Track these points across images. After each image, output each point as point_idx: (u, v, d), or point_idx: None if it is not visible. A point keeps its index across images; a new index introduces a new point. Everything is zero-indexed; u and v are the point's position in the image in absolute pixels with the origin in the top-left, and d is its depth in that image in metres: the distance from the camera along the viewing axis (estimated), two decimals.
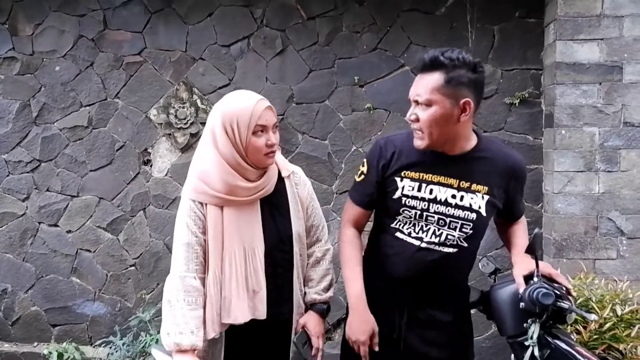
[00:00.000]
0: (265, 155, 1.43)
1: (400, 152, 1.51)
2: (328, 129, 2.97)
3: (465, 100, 1.34)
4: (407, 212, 1.49)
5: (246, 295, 1.44)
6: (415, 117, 1.39)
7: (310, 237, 1.63)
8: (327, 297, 1.61)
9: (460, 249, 1.49)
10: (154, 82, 3.03)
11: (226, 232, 1.43)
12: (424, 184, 1.47)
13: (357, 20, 2.92)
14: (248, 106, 1.41)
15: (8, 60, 3.08)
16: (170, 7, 2.99)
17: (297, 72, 2.96)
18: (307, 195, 1.61)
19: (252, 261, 1.45)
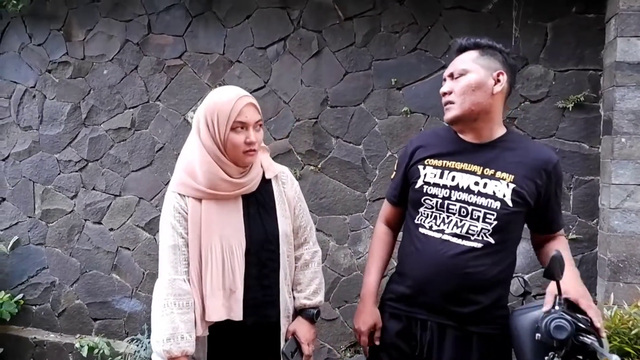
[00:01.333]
0: (244, 153, 1.39)
1: (426, 143, 1.52)
2: (362, 134, 2.85)
3: (499, 71, 1.38)
4: (429, 202, 1.44)
5: (222, 293, 1.40)
6: (449, 88, 1.41)
7: (298, 239, 1.60)
8: (316, 301, 1.57)
9: (487, 245, 1.37)
10: (193, 85, 3.07)
11: (204, 226, 1.40)
12: (446, 171, 1.43)
13: (396, 20, 2.79)
14: (229, 101, 1.38)
15: (62, 64, 3.26)
16: (210, 11, 3.03)
17: (332, 75, 2.88)
18: (294, 195, 1.58)
19: (229, 259, 1.40)
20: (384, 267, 1.62)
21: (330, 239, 2.92)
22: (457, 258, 1.38)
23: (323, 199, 2.91)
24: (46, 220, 3.31)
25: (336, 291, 2.91)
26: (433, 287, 1.41)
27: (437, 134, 1.55)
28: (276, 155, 2.95)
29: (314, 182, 2.92)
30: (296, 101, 2.93)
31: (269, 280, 1.47)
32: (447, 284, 1.39)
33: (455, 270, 1.38)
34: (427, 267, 1.42)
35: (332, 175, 2.90)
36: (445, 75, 1.46)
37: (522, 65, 2.63)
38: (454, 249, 1.39)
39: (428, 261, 1.42)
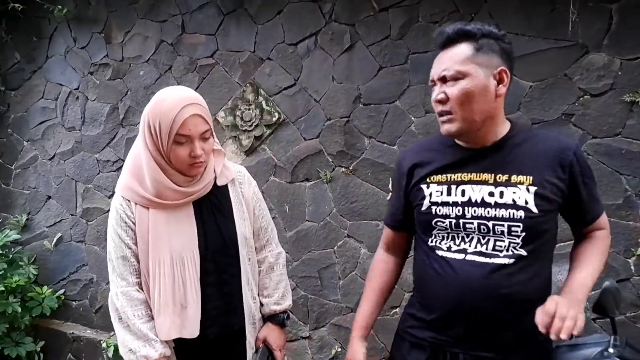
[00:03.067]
0: (189, 165, 1.30)
1: (423, 159, 1.30)
2: (397, 133, 2.63)
3: (501, 68, 1.16)
4: (441, 224, 1.23)
5: (171, 309, 1.31)
6: (443, 96, 1.17)
7: (260, 240, 1.52)
8: (286, 305, 1.52)
9: (519, 259, 1.16)
10: (224, 84, 3.00)
11: (152, 238, 1.31)
12: (453, 186, 1.23)
13: (435, 8, 2.55)
14: (170, 111, 1.25)
15: (102, 66, 3.32)
16: (242, 8, 2.94)
17: (365, 70, 2.68)
18: (252, 195, 1.50)
19: (180, 272, 1.31)
20: (380, 299, 1.45)
21: (362, 246, 2.72)
22: (488, 278, 1.17)
23: (354, 203, 2.72)
24: (86, 218, 3.39)
25: None
26: (464, 313, 1.20)
27: (430, 145, 1.35)
28: (306, 156, 2.80)
29: (345, 184, 2.74)
30: (327, 99, 2.76)
31: (230, 287, 1.40)
32: (481, 308, 1.18)
33: (489, 292, 1.17)
34: (453, 292, 1.21)
35: (365, 178, 2.70)
36: (433, 76, 1.20)
37: (581, 54, 2.29)
38: (482, 269, 1.18)
39: (453, 284, 1.21)
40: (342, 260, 2.76)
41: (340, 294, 2.76)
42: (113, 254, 1.34)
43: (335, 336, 2.78)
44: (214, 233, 1.37)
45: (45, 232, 3.52)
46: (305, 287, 2.84)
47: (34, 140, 3.55)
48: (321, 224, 2.79)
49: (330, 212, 2.77)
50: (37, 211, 3.55)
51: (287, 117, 2.84)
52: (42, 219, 3.53)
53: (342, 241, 2.76)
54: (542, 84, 2.36)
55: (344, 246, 2.75)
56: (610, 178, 2.25)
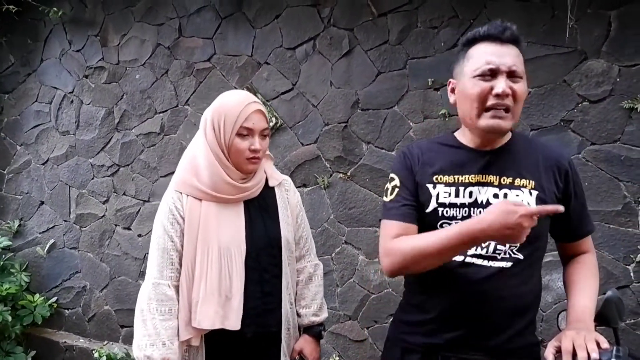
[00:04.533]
0: (247, 159, 1.37)
1: (428, 156, 1.28)
2: (396, 138, 2.62)
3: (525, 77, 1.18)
4: (447, 225, 1.20)
5: (216, 299, 1.33)
6: (509, 90, 1.12)
7: (300, 249, 1.56)
8: (323, 317, 1.54)
9: (517, 263, 1.17)
10: (221, 89, 2.97)
11: (202, 227, 1.35)
12: (461, 188, 1.21)
13: (434, 14, 2.55)
14: (237, 105, 1.36)
15: (98, 69, 3.29)
16: (240, 11, 2.93)
17: (363, 75, 2.67)
18: (297, 203, 1.56)
19: (227, 263, 1.35)
20: None
21: (360, 253, 2.69)
22: (487, 282, 1.16)
23: (352, 209, 2.70)
24: (80, 224, 3.34)
25: (365, 310, 2.67)
26: (460, 316, 1.19)
27: (437, 144, 1.31)
28: (303, 161, 2.78)
29: (343, 190, 2.71)
30: (325, 104, 2.75)
31: (270, 287, 1.42)
32: (477, 311, 1.17)
33: (487, 295, 1.16)
34: (450, 295, 1.20)
35: (363, 184, 2.68)
36: (499, 65, 1.12)
37: (580, 60, 2.29)
38: (481, 272, 1.17)
39: (450, 288, 1.20)
40: (340, 267, 2.73)
41: (339, 301, 2.73)
42: (154, 245, 1.38)
43: (333, 345, 2.74)
44: (259, 232, 1.42)
45: (38, 238, 3.46)
46: None
47: (27, 145, 3.51)
48: (319, 230, 2.76)
49: (328, 218, 2.75)
50: (30, 217, 3.49)
51: (285, 122, 2.82)
52: (34, 225, 3.47)
53: (340, 248, 2.73)
54: (541, 90, 2.35)
55: (342, 253, 2.72)
56: (610, 185, 2.24)
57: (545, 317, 2.28)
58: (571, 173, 1.22)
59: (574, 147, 2.30)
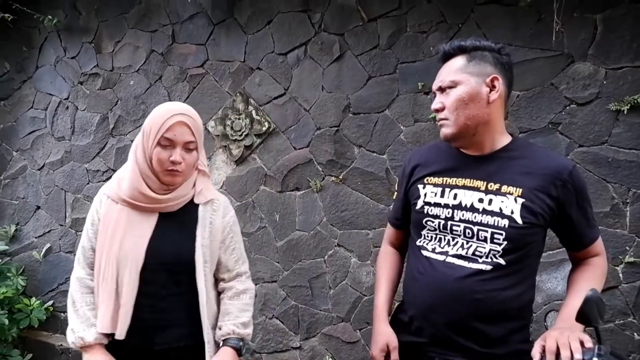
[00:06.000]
0: (166, 170, 1.36)
1: (425, 160, 1.39)
2: (387, 142, 2.64)
3: (493, 76, 1.22)
4: (431, 223, 1.29)
5: (112, 305, 1.35)
6: (440, 105, 1.26)
7: (230, 272, 1.50)
8: (246, 332, 1.45)
9: (497, 267, 1.19)
10: (214, 94, 3.01)
11: (110, 231, 1.38)
12: (447, 189, 1.29)
13: (423, 19, 2.58)
14: (162, 116, 1.36)
15: (92, 76, 3.31)
16: (232, 18, 2.96)
17: (354, 80, 2.70)
18: (224, 225, 1.48)
19: (122, 272, 1.35)
20: (393, 286, 1.48)
21: (352, 255, 2.71)
22: (463, 282, 1.21)
23: (344, 211, 2.72)
24: (76, 228, 3.36)
25: (357, 312, 2.69)
26: (437, 314, 1.24)
27: (437, 148, 1.41)
28: (296, 165, 2.80)
29: (335, 193, 2.74)
30: (317, 108, 2.77)
31: (166, 304, 1.39)
32: (452, 310, 1.21)
33: (462, 295, 1.20)
34: (429, 292, 1.26)
35: (354, 187, 2.70)
36: (433, 88, 1.31)
37: (567, 63, 2.32)
38: (459, 272, 1.22)
39: (431, 285, 1.26)
40: (333, 269, 2.75)
41: (331, 303, 2.75)
42: (80, 241, 1.46)
43: (326, 346, 2.76)
44: (167, 247, 1.39)
45: (34, 242, 3.48)
46: (296, 296, 2.82)
47: (23, 150, 3.53)
48: (311, 233, 2.79)
49: (320, 222, 2.77)
50: (26, 222, 3.51)
51: (277, 127, 2.85)
52: (31, 230, 3.50)
53: (332, 250, 2.75)
54: (529, 93, 2.38)
55: (334, 255, 2.75)
56: (597, 186, 2.26)
57: (535, 318, 2.30)
58: (571, 183, 1.20)
59: (562, 149, 2.32)
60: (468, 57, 1.24)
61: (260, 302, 2.90)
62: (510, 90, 1.28)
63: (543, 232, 1.25)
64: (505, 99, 1.27)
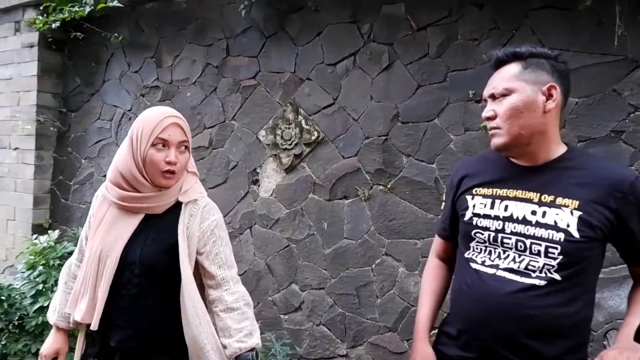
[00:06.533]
0: (162, 172, 1.36)
1: (473, 171, 1.36)
2: (436, 151, 2.61)
3: (550, 84, 1.19)
4: (480, 235, 1.26)
5: (89, 296, 1.40)
6: (491, 113, 1.24)
7: (214, 279, 1.40)
8: (252, 342, 1.35)
9: (552, 283, 1.14)
10: (265, 104, 3.09)
11: (97, 227, 1.44)
12: (497, 200, 1.26)
13: (474, 26, 2.53)
14: (154, 117, 1.38)
15: (153, 89, 3.51)
16: (283, 30, 3.04)
17: (403, 89, 2.69)
18: (202, 231, 1.41)
19: (103, 267, 1.39)
20: (437, 302, 1.46)
21: (400, 265, 2.69)
22: (514, 296, 1.17)
23: (392, 221, 2.71)
24: None
25: (405, 322, 2.66)
26: (486, 329, 1.21)
27: (486, 158, 1.38)
28: (344, 174, 2.83)
29: (383, 202, 2.73)
30: (365, 118, 2.79)
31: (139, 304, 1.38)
32: (502, 326, 1.18)
33: (513, 310, 1.17)
34: (478, 306, 1.23)
35: (403, 196, 2.69)
36: (484, 95, 1.28)
37: (631, 68, 2.20)
38: (510, 286, 1.18)
39: (480, 299, 1.23)
40: (380, 278, 2.74)
41: (378, 312, 2.74)
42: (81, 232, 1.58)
43: (372, 355, 2.75)
44: (148, 248, 1.39)
45: None
46: (343, 304, 2.84)
47: (90, 158, 3.79)
48: (359, 241, 2.80)
49: (368, 230, 2.77)
50: None
51: (326, 136, 2.89)
52: None
53: (380, 259, 2.75)
54: (589, 100, 2.28)
55: (382, 264, 2.74)
56: None
57: (595, 337, 2.18)
58: (632, 195, 1.15)
59: (625, 159, 2.20)
60: (523, 64, 1.21)
61: (308, 309, 2.93)
62: (567, 98, 1.25)
63: (602, 246, 1.20)
64: (562, 108, 1.23)
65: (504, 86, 1.20)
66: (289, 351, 2.87)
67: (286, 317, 3.02)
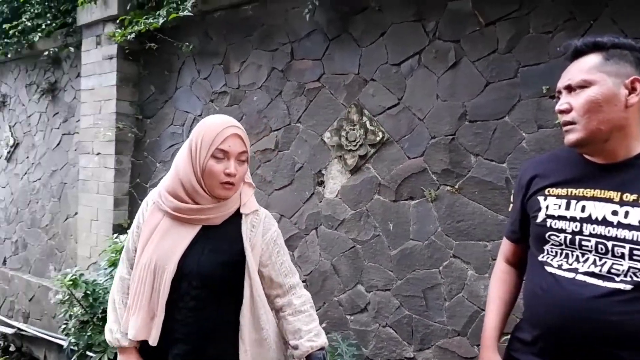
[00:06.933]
0: (221, 183, 1.33)
1: (544, 171, 1.30)
2: (507, 150, 2.52)
3: (634, 77, 1.13)
4: (555, 238, 1.20)
5: (145, 312, 1.35)
6: (566, 105, 1.18)
7: (282, 287, 1.45)
8: (322, 342, 1.41)
9: (638, 287, 1.08)
10: (329, 106, 3.13)
11: (149, 237, 1.39)
12: (573, 201, 1.19)
13: (548, 18, 2.42)
14: (215, 128, 1.35)
15: (221, 94, 3.66)
16: (347, 32, 3.06)
17: (471, 86, 2.62)
18: (266, 243, 1.43)
19: (159, 279, 1.34)
20: (506, 309, 1.42)
21: (469, 267, 2.63)
22: (596, 302, 1.11)
23: (460, 222, 2.65)
24: None
25: (475, 326, 2.59)
26: (565, 336, 1.16)
27: (556, 157, 1.32)
28: (410, 174, 2.80)
29: (451, 203, 2.68)
30: (431, 117, 2.75)
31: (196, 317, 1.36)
32: (583, 332, 1.12)
33: (595, 316, 1.11)
34: (555, 312, 1.17)
35: (471, 197, 2.62)
36: (559, 86, 1.22)
37: None
38: (592, 291, 1.12)
39: (557, 305, 1.17)
40: (448, 281, 2.69)
41: (446, 316, 2.69)
42: (126, 242, 1.51)
43: (440, 359, 2.70)
44: (201, 258, 1.35)
45: None
46: (410, 306, 2.81)
47: (164, 162, 4.01)
48: (426, 243, 2.76)
49: (435, 231, 2.73)
50: None
51: (391, 136, 2.87)
52: None
53: (447, 261, 2.69)
54: None
55: (450, 267, 2.68)
56: None
57: None
58: None
59: None
60: (605, 55, 1.15)
61: (374, 310, 2.93)
62: None
63: None
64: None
65: (582, 77, 1.15)
66: (355, 352, 2.88)
67: (352, 317, 3.03)
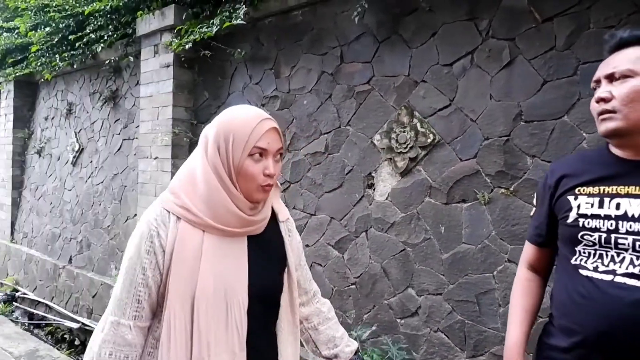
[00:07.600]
0: (261, 186, 1.13)
1: (572, 170, 1.28)
2: (566, 151, 2.41)
3: None
4: (589, 237, 1.18)
5: (227, 356, 1.08)
6: (607, 94, 1.16)
7: (307, 294, 1.42)
8: (355, 345, 1.43)
9: None
10: (379, 108, 3.13)
11: (203, 263, 1.08)
12: (606, 199, 1.17)
13: (610, 12, 2.31)
14: (248, 122, 1.12)
15: (272, 98, 3.74)
16: (397, 34, 3.05)
17: (526, 85, 2.54)
18: (297, 244, 1.38)
19: (234, 311, 1.09)
20: (530, 319, 1.41)
21: None
22: None
23: (516, 225, 2.56)
24: None
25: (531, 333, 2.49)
26: (612, 343, 1.11)
27: (584, 156, 1.32)
28: (462, 177, 2.74)
29: (505, 206, 2.60)
30: (484, 118, 2.68)
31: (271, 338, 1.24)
32: (628, 338, 1.09)
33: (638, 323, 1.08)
34: (599, 319, 1.13)
35: (527, 200, 2.53)
36: (599, 75, 1.20)
37: None
38: (634, 293, 1.09)
39: (600, 311, 1.13)
40: (503, 286, 2.61)
41: (501, 322, 2.60)
42: (122, 274, 1.11)
43: None
44: (261, 275, 1.17)
45: None
46: (462, 311, 2.75)
47: None
48: (479, 247, 2.69)
49: (488, 235, 2.66)
50: None
51: (442, 138, 2.83)
52: None
53: (502, 266, 2.61)
54: None
55: (505, 271, 2.60)
56: None
57: None
58: None
59: None
60: None
61: (425, 314, 2.89)
62: None
63: None
64: None
65: (629, 67, 1.14)
66: (406, 356, 2.86)
67: (402, 321, 3.01)
